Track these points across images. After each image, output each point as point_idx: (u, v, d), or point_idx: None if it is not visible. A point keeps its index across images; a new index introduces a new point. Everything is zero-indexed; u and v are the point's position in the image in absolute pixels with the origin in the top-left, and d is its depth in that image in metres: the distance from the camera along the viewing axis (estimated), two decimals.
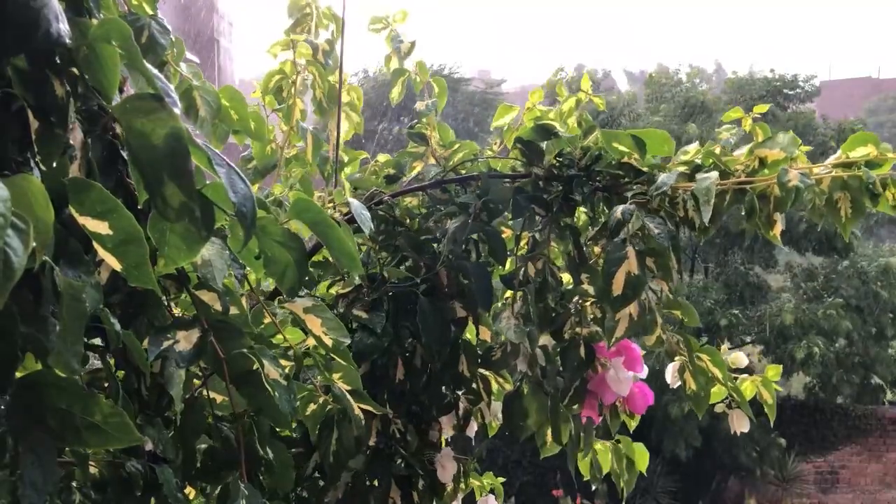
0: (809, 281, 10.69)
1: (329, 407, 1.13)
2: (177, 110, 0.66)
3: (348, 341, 1.05)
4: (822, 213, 1.29)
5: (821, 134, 10.86)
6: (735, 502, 10.82)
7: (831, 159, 1.30)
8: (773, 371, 1.60)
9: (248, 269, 1.01)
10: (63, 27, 0.62)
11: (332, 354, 1.04)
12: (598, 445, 1.60)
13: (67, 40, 0.63)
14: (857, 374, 10.34)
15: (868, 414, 11.16)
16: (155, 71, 0.69)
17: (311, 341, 1.04)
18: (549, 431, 1.46)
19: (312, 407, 1.14)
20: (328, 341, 1.02)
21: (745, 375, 1.57)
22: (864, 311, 10.22)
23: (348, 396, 1.08)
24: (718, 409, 1.54)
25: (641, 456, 1.61)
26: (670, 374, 1.50)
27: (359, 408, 1.09)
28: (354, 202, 1.14)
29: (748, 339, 10.68)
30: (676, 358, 1.47)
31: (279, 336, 1.06)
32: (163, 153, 0.66)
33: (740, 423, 1.54)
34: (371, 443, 1.36)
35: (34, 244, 0.56)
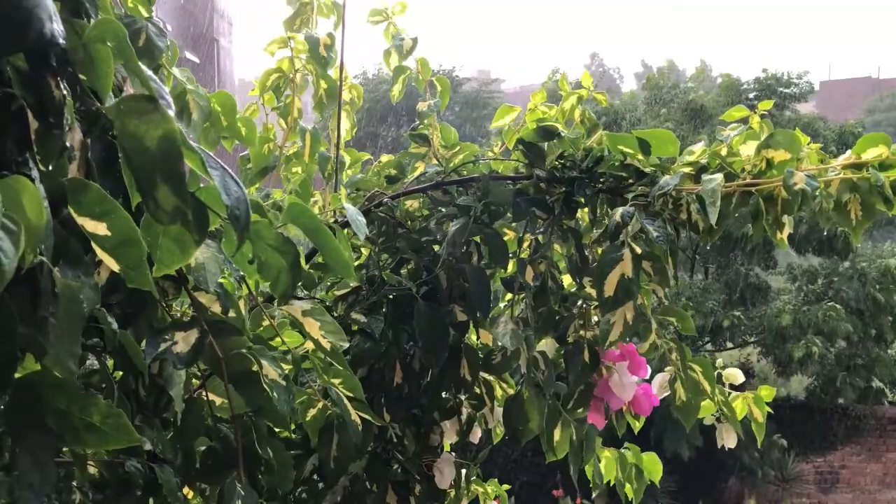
0: (810, 283, 10.67)
1: (329, 412, 1.12)
2: (171, 112, 0.65)
3: (347, 345, 1.04)
4: (829, 217, 1.22)
5: (821, 137, 10.83)
6: (735, 502, 10.81)
7: (840, 160, 1.23)
8: (766, 391, 1.55)
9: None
10: (57, 27, 0.61)
11: (330, 359, 1.04)
12: (606, 453, 1.56)
13: (61, 40, 0.62)
14: (861, 376, 10.32)
15: (868, 414, 11.15)
16: (150, 72, 0.68)
17: (310, 344, 1.03)
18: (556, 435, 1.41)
19: (312, 412, 1.13)
20: (326, 345, 1.02)
21: (736, 393, 1.53)
22: (865, 314, 10.20)
23: (346, 401, 1.07)
24: (707, 421, 1.50)
25: (653, 465, 1.57)
26: (657, 385, 1.45)
27: (357, 415, 1.08)
28: (350, 208, 1.13)
29: (751, 339, 10.67)
30: (666, 369, 1.43)
31: (277, 339, 1.05)
32: (156, 155, 0.65)
33: (728, 438, 1.49)
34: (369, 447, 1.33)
35: (25, 246, 0.55)
